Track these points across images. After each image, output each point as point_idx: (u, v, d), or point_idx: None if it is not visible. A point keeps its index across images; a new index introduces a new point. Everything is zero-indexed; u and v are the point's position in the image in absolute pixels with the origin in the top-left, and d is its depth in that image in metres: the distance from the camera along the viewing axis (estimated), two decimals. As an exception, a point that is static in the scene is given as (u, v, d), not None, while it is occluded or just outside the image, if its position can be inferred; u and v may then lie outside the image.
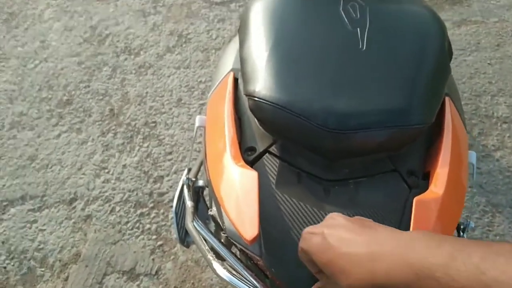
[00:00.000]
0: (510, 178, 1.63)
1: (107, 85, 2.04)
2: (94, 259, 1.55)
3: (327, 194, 0.74)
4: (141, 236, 1.59)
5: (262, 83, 0.75)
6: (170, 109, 1.93)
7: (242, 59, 0.82)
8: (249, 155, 0.78)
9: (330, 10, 0.85)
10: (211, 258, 0.74)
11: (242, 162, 0.72)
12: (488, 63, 2.01)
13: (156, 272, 1.51)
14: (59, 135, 1.87)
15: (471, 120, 1.81)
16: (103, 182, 1.73)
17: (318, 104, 0.72)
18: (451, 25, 2.18)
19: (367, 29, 0.81)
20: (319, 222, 0.63)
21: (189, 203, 0.86)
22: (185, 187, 0.93)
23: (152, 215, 1.63)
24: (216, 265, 0.73)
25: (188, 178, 0.94)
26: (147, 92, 2.00)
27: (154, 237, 1.58)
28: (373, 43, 0.80)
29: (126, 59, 2.14)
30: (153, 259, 1.54)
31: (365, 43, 0.79)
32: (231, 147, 0.74)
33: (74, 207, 1.67)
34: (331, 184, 0.75)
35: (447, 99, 0.84)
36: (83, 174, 1.75)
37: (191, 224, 0.80)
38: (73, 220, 1.64)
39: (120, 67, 2.11)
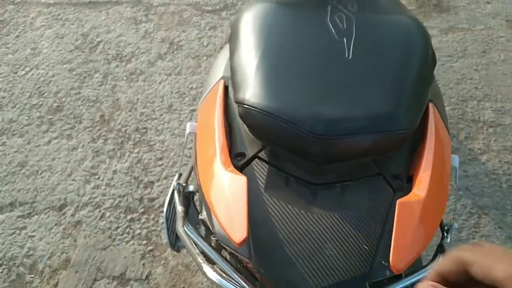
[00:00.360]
0: (495, 180, 1.66)
1: (98, 91, 2.05)
2: (84, 264, 1.54)
3: (315, 198, 0.76)
4: (132, 241, 1.59)
5: (251, 91, 0.77)
6: (161, 115, 1.94)
7: (232, 67, 0.85)
8: (239, 161, 0.80)
9: (317, 21, 0.88)
10: (201, 261, 0.76)
11: (232, 168, 0.74)
12: (475, 69, 2.05)
13: (147, 277, 1.51)
14: (49, 142, 1.88)
15: (458, 124, 1.84)
16: (93, 188, 1.73)
17: (306, 111, 0.74)
18: (439, 32, 2.23)
19: (353, 39, 0.84)
20: (306, 224, 0.64)
21: (179, 208, 0.87)
22: (175, 192, 0.95)
23: (143, 220, 1.64)
24: (207, 268, 0.75)
25: (178, 184, 0.95)
26: (138, 99, 2.01)
27: (144, 242, 1.58)
28: (359, 52, 0.82)
29: (117, 66, 2.15)
30: (143, 264, 1.54)
31: (351, 52, 0.82)
32: (221, 153, 0.76)
33: (64, 213, 1.67)
34: (318, 188, 0.77)
35: (430, 105, 0.87)
36: (73, 180, 1.75)
37: (181, 228, 0.82)
38: (63, 226, 1.64)
39: (111, 74, 2.12)
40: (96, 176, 1.76)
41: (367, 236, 0.70)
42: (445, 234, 0.86)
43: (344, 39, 0.83)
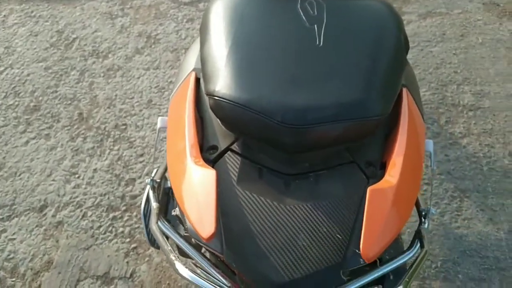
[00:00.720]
0: (476, 163, 1.67)
1: (75, 89, 2.01)
2: (67, 265, 1.52)
3: (288, 188, 0.75)
4: (115, 240, 1.57)
5: (221, 82, 0.76)
6: (141, 110, 1.91)
7: (202, 58, 0.83)
8: (211, 154, 0.79)
9: (288, 8, 0.87)
10: (173, 258, 0.75)
11: (202, 161, 0.73)
12: (453, 53, 2.05)
13: (131, 275, 1.50)
14: (27, 142, 1.84)
15: (438, 109, 1.85)
16: (74, 187, 1.70)
17: (276, 101, 0.73)
18: (417, 17, 2.22)
19: (324, 26, 0.83)
20: (279, 216, 0.63)
21: (154, 205, 0.86)
22: (150, 188, 0.93)
23: (125, 218, 1.62)
24: (179, 265, 0.74)
25: (152, 180, 0.93)
26: (116, 95, 1.98)
27: (127, 240, 1.57)
28: (330, 39, 0.81)
29: (94, 62, 2.11)
30: (127, 262, 1.52)
31: (322, 39, 0.81)
32: (191, 147, 0.75)
33: (45, 214, 1.64)
34: (292, 178, 0.77)
35: (404, 90, 0.86)
36: (53, 180, 1.72)
37: (155, 225, 0.80)
38: (44, 228, 1.61)
39: (88, 71, 2.08)
40: (76, 175, 1.73)
41: (341, 225, 0.70)
42: (423, 220, 0.86)
43: (315, 26, 0.82)
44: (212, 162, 0.77)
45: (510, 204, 1.56)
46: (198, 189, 0.68)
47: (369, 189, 0.67)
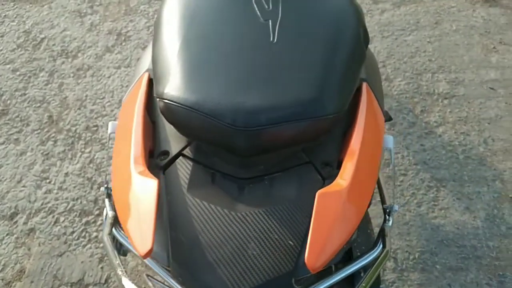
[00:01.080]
0: (452, 152, 1.67)
1: (44, 91, 1.95)
2: (40, 273, 1.48)
3: (241, 193, 0.72)
4: (88, 245, 1.53)
5: (171, 84, 0.73)
6: (112, 111, 1.87)
7: (153, 58, 0.80)
8: (162, 160, 0.75)
9: (242, 3, 0.83)
10: (120, 273, 0.71)
11: (145, 170, 0.69)
12: (428, 41, 2.04)
13: (106, 280, 1.46)
14: (-5, 148, 1.78)
15: (413, 98, 1.84)
16: (45, 193, 1.66)
17: (226, 103, 0.70)
18: (391, 6, 2.21)
19: (278, 21, 0.80)
20: (229, 224, 0.60)
21: (109, 213, 0.82)
22: (106, 196, 0.89)
23: (99, 222, 1.58)
24: (126, 281, 0.70)
25: (107, 187, 0.90)
26: (86, 95, 1.93)
27: (101, 245, 1.53)
28: (284, 35, 0.78)
29: (63, 62, 2.05)
30: (101, 268, 1.48)
31: (276, 35, 0.78)
32: (136, 154, 0.71)
33: (16, 222, 1.60)
34: (246, 182, 0.74)
35: (364, 84, 0.83)
36: (23, 186, 1.67)
37: (106, 236, 0.77)
38: (15, 236, 1.57)
39: (57, 72, 2.02)
40: (48, 180, 1.69)
41: (294, 231, 0.67)
42: (387, 217, 0.84)
43: (270, 21, 0.79)
44: (162, 168, 0.74)
45: (486, 192, 1.56)
46: (137, 201, 0.64)
47: (317, 193, 0.64)
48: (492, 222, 1.48)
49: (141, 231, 0.60)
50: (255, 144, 0.70)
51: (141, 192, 0.65)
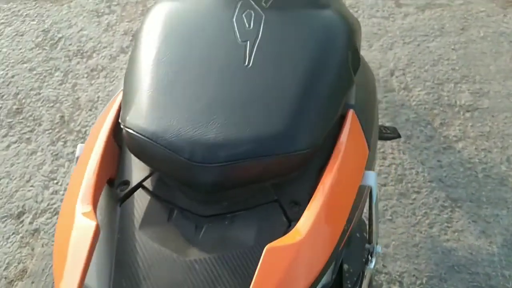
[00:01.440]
0: (471, 170, 1.56)
1: (58, 91, 1.97)
2: (41, 274, 1.49)
3: (197, 234, 0.66)
4: (89, 249, 1.53)
5: (133, 110, 0.68)
6: (122, 113, 1.86)
7: (124, 79, 0.76)
8: (122, 190, 0.70)
9: (222, 20, 0.77)
10: None
11: (90, 209, 0.63)
12: (452, 49, 1.93)
13: (104, 286, 1.45)
14: (8, 147, 1.81)
15: (432, 110, 1.73)
16: (52, 193, 1.67)
17: (186, 135, 0.65)
18: (415, 10, 2.09)
19: (257, 42, 0.73)
20: (177, 271, 0.55)
21: None
22: None
23: (101, 226, 1.57)
24: None
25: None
26: (98, 97, 1.93)
27: (102, 249, 1.52)
28: (261, 58, 0.71)
29: (78, 62, 2.06)
30: (100, 273, 1.48)
31: (252, 59, 0.71)
32: (86, 188, 0.65)
33: (22, 221, 1.61)
34: (205, 221, 0.67)
35: (350, 112, 0.76)
36: (32, 186, 1.69)
37: None
38: (20, 235, 1.58)
39: (72, 72, 2.03)
40: (55, 181, 1.70)
41: (244, 284, 0.61)
42: (369, 258, 0.77)
43: (247, 42, 0.73)
44: (120, 200, 0.69)
45: (505, 215, 1.45)
46: (70, 244, 0.59)
47: (266, 247, 0.57)
48: (510, 249, 1.38)
49: (67, 280, 0.56)
50: (215, 180, 0.64)
51: (76, 236, 0.60)
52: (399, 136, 1.26)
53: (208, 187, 0.65)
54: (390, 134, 1.25)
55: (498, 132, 1.65)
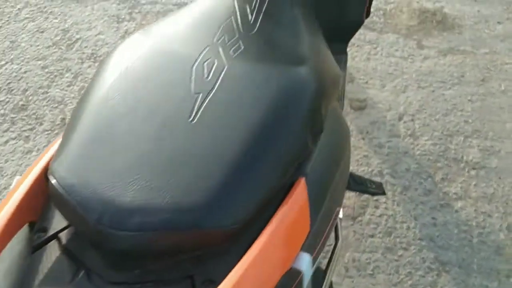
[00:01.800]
0: (466, 233, 1.47)
1: (65, 92, 1.99)
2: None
3: None
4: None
5: (61, 156, 0.65)
6: (121, 123, 1.85)
7: (70, 118, 0.73)
8: (39, 237, 0.67)
9: (181, 67, 0.73)
10: None
11: None
12: (469, 99, 1.83)
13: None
14: (6, 142, 1.83)
15: (436, 162, 1.64)
16: (39, 195, 1.67)
17: (101, 194, 0.61)
18: (436, 53, 2.01)
19: (210, 96, 0.68)
20: None
21: None
22: None
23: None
24: None
25: None
26: (102, 103, 1.93)
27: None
28: (207, 115, 0.67)
29: (89, 66, 2.08)
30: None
31: (198, 114, 0.67)
32: None
33: (6, 219, 1.62)
34: (111, 287, 0.62)
35: (301, 182, 0.69)
36: (21, 185, 1.70)
37: None
38: (2, 233, 1.59)
39: (82, 75, 2.05)
40: (44, 183, 1.70)
41: None
42: None
43: (200, 94, 0.68)
44: (33, 249, 0.66)
45: (495, 289, 1.35)
46: None
47: None
48: (494, 328, 1.28)
49: None
50: (123, 249, 0.60)
51: None
52: (383, 193, 1.19)
53: (115, 254, 0.60)
54: (374, 190, 1.18)
55: (502, 195, 1.55)
